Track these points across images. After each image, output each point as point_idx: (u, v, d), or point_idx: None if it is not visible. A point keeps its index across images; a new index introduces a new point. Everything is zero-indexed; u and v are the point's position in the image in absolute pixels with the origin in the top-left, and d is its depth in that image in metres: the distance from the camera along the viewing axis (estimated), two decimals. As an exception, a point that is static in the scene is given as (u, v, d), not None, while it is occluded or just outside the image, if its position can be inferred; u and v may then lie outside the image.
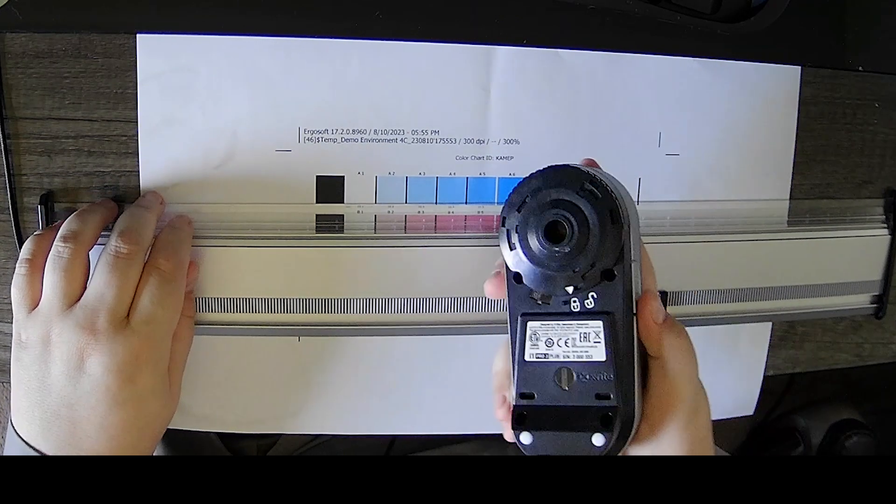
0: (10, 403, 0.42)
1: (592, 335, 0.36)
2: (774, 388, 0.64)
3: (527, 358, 0.37)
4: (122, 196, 0.47)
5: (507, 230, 0.36)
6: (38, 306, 0.41)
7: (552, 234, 0.35)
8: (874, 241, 0.55)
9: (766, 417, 0.75)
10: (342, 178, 0.48)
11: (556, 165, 0.36)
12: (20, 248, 0.47)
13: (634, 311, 0.36)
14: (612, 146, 0.50)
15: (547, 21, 0.48)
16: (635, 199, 0.51)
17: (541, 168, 0.36)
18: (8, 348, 0.49)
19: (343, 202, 0.48)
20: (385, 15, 0.46)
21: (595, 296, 0.36)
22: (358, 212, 0.49)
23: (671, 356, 0.37)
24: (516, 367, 0.37)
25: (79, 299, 0.41)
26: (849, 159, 0.54)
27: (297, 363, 0.50)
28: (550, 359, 0.36)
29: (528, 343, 0.37)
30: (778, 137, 0.52)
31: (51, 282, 0.41)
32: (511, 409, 0.37)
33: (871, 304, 0.56)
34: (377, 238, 0.49)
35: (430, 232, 0.49)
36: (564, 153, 0.50)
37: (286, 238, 0.48)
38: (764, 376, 0.56)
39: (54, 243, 0.42)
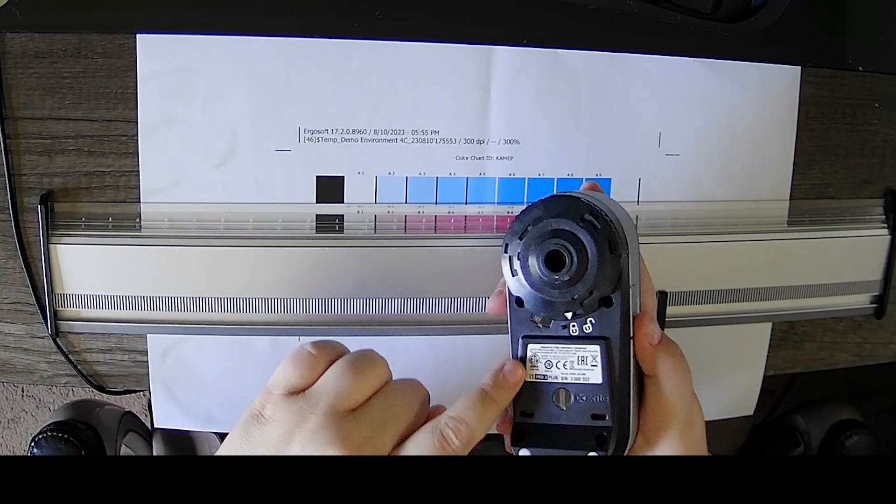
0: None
1: (590, 359, 0.37)
2: (774, 388, 0.64)
3: (527, 378, 0.38)
4: (121, 196, 0.47)
5: (510, 257, 0.37)
6: (305, 394, 0.37)
7: (552, 262, 0.36)
8: (874, 241, 0.55)
9: (766, 417, 0.75)
10: (342, 178, 0.48)
11: (558, 195, 0.37)
12: (20, 248, 0.47)
13: (631, 335, 0.38)
14: (612, 146, 0.50)
15: (547, 21, 0.48)
16: (635, 199, 0.51)
17: (543, 197, 0.38)
18: (8, 348, 0.49)
19: (343, 202, 0.48)
20: (385, 15, 0.46)
21: (593, 321, 0.37)
22: (358, 212, 0.49)
23: (665, 375, 0.39)
24: None
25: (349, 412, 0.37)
26: (849, 159, 0.54)
27: (297, 363, 0.50)
28: (549, 380, 0.38)
29: (528, 364, 0.38)
30: (778, 137, 0.52)
31: (337, 375, 0.37)
32: (511, 423, 0.39)
33: (871, 304, 0.56)
34: (377, 238, 0.49)
35: (430, 232, 0.49)
36: (564, 153, 0.50)
37: (286, 238, 0.48)
38: (764, 376, 0.56)
39: (360, 350, 0.39)
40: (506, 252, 0.37)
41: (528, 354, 0.38)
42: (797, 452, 0.70)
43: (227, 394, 0.50)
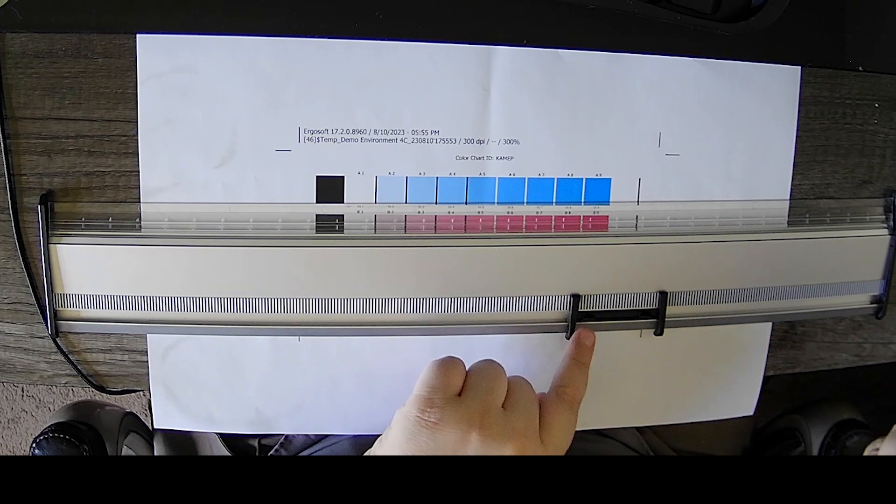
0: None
1: None
2: (774, 388, 0.64)
3: None
4: (121, 196, 0.47)
5: None
6: (464, 397, 0.43)
7: None
8: (874, 241, 0.55)
9: (767, 417, 0.75)
10: (342, 178, 0.48)
11: None
12: (20, 248, 0.47)
13: None
14: (612, 146, 0.50)
15: (547, 21, 0.48)
16: (635, 199, 0.51)
17: None
18: (8, 348, 0.49)
19: (343, 202, 0.49)
20: (385, 15, 0.46)
21: None
22: (358, 212, 0.49)
23: None
24: None
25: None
26: (849, 159, 0.54)
27: (297, 363, 0.50)
28: None
29: None
30: (778, 137, 0.52)
31: (483, 377, 0.44)
32: None
33: (871, 304, 0.56)
34: (377, 238, 0.49)
35: (430, 232, 0.49)
36: (564, 153, 0.50)
37: (286, 238, 0.48)
38: (764, 376, 0.56)
39: (482, 361, 0.46)
40: None
41: None
42: (797, 452, 0.70)
43: (227, 394, 0.50)
